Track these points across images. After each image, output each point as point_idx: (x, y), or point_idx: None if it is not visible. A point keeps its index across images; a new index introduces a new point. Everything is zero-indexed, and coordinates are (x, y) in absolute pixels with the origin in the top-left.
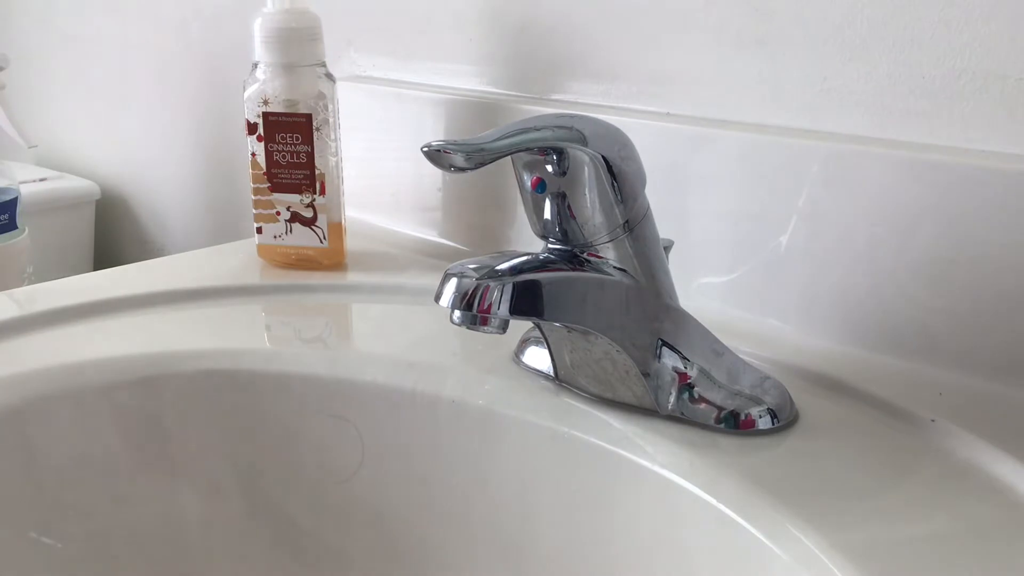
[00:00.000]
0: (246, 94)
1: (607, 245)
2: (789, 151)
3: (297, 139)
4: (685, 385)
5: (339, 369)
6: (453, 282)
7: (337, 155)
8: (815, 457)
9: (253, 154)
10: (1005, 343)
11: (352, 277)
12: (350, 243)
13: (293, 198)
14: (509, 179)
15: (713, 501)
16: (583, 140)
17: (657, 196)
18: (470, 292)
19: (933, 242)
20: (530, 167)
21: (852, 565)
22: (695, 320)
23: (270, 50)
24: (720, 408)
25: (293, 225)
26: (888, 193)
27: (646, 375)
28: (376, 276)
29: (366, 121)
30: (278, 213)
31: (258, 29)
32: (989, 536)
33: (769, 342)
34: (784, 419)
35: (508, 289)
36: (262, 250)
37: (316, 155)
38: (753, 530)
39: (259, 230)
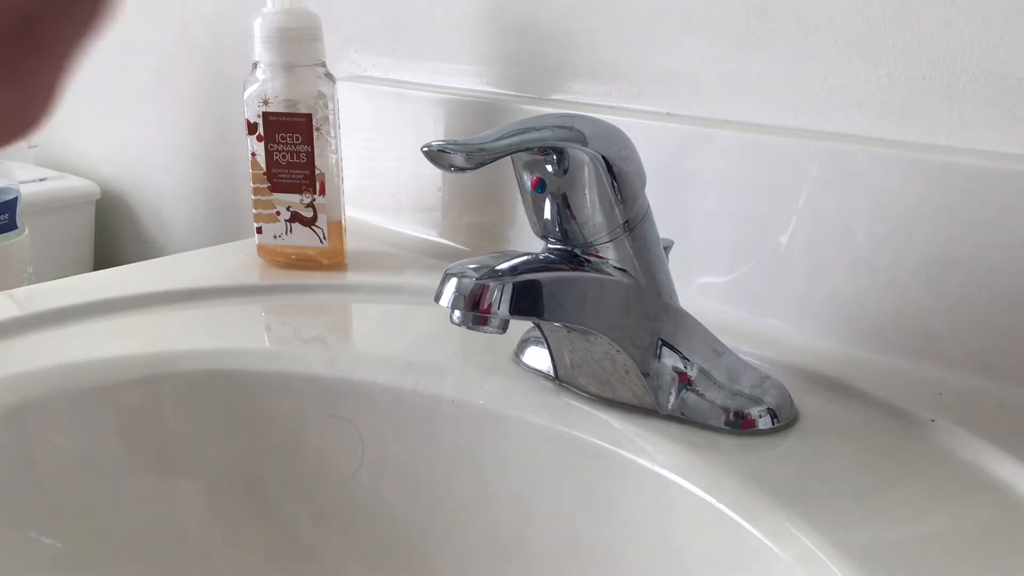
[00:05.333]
0: (246, 94)
1: (607, 245)
2: (789, 151)
3: (297, 139)
4: (685, 385)
5: (339, 369)
6: (453, 282)
7: (337, 155)
8: (815, 457)
9: (253, 154)
10: (1005, 343)
11: (352, 277)
12: (350, 243)
13: (293, 198)
14: (509, 179)
15: (713, 501)
16: (583, 140)
17: (657, 196)
18: (470, 292)
19: (933, 242)
20: (530, 167)
21: (852, 565)
22: (695, 320)
23: (270, 50)
24: (720, 408)
25: (293, 225)
26: (888, 193)
27: (646, 375)
28: (376, 276)
29: (366, 121)
30: (278, 213)
31: (258, 29)
32: (989, 536)
33: (769, 342)
34: (784, 419)
35: (508, 289)
36: (262, 250)
37: (316, 155)
38: (753, 530)
39: (259, 230)
